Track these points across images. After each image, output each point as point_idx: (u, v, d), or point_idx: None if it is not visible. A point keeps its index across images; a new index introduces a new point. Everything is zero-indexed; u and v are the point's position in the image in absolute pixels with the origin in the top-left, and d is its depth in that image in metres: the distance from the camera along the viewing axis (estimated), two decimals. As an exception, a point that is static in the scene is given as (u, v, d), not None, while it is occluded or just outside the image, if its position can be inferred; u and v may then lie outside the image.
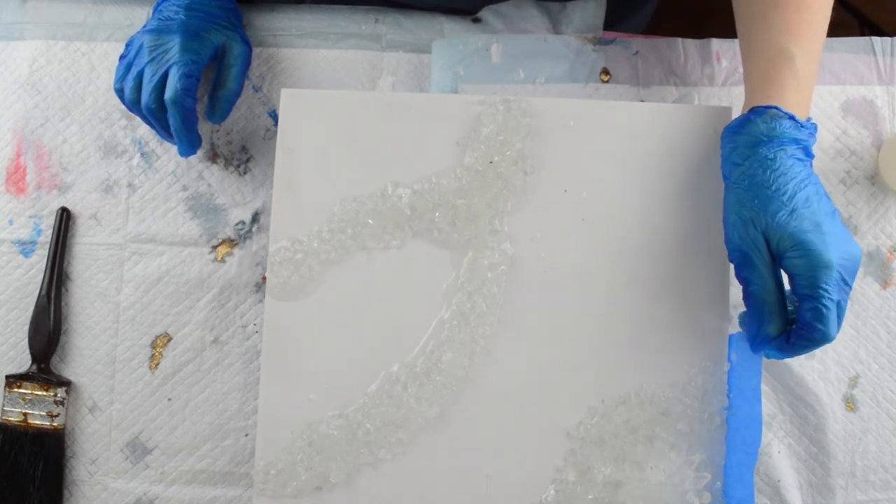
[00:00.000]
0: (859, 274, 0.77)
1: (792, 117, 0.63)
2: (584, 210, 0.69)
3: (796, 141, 0.63)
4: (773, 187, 0.61)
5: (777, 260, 0.62)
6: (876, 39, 0.82)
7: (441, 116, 0.70)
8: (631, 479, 0.65)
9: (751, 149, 0.63)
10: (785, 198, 0.61)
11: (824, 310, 0.59)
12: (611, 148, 0.69)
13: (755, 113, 0.64)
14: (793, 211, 0.61)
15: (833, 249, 0.59)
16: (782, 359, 0.66)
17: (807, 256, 0.59)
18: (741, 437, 0.66)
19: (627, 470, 0.66)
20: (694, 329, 0.67)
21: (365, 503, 0.67)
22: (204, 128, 0.78)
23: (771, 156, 0.62)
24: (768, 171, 0.62)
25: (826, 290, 0.59)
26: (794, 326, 0.63)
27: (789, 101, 0.64)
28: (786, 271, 0.62)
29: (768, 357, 0.66)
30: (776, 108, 0.63)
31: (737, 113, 0.68)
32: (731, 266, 0.68)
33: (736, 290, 0.71)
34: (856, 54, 0.81)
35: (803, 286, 0.60)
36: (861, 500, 0.74)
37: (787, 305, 0.63)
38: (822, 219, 0.61)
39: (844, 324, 0.75)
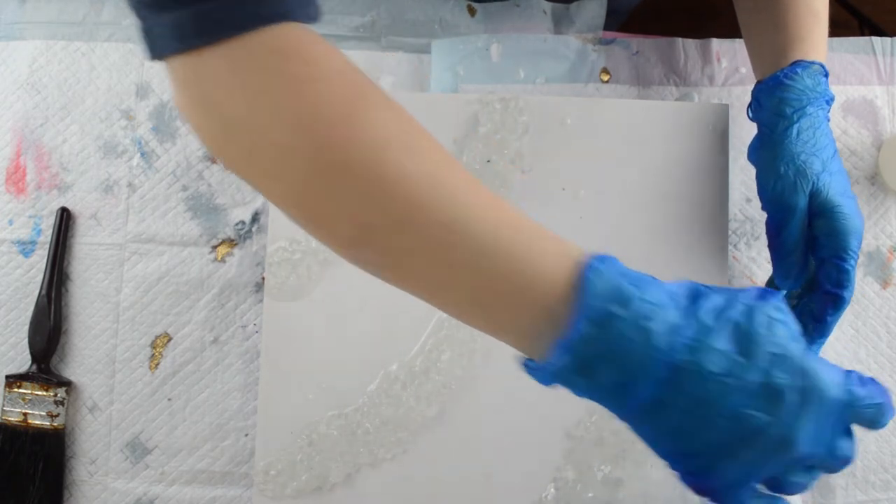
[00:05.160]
0: (859, 274, 0.77)
1: (827, 75, 0.65)
2: (582, 208, 0.68)
3: (829, 101, 0.65)
4: (817, 147, 0.63)
5: (809, 217, 0.63)
6: (876, 39, 0.82)
7: (438, 115, 0.70)
8: (631, 476, 0.65)
9: (799, 104, 0.63)
10: (825, 158, 0.62)
11: (851, 270, 0.62)
12: (607, 146, 0.69)
13: (801, 66, 0.64)
14: (832, 174, 0.62)
15: (858, 216, 0.62)
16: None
17: (842, 220, 0.61)
18: None
19: (627, 468, 0.66)
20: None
21: (365, 503, 0.67)
22: (204, 128, 0.78)
23: (816, 115, 0.63)
24: (811, 130, 0.63)
25: (854, 252, 0.61)
26: (811, 311, 0.64)
27: (822, 58, 0.65)
28: (815, 231, 0.63)
29: None
30: (820, 64, 0.64)
31: (736, 110, 0.68)
32: (730, 266, 0.68)
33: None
34: (856, 54, 0.81)
35: (833, 247, 0.61)
36: (861, 501, 0.74)
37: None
38: (848, 184, 0.63)
39: (844, 324, 0.75)
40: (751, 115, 0.68)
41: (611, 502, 0.66)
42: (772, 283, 0.69)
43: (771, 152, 0.64)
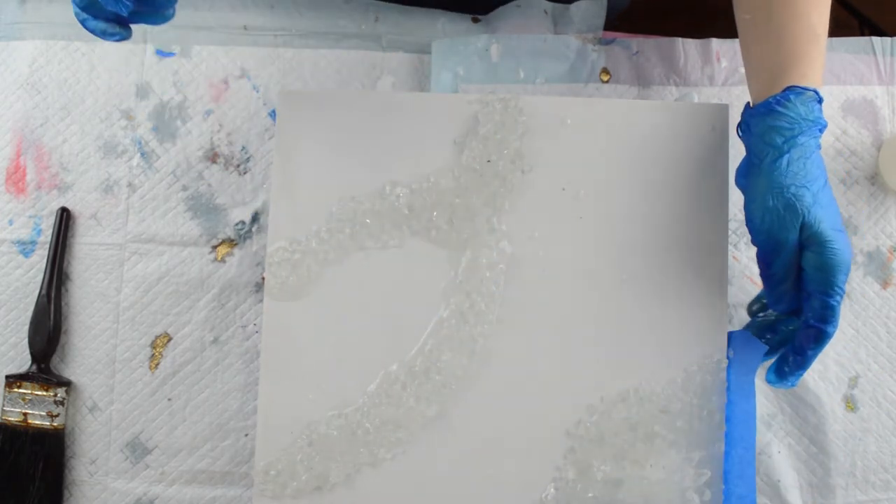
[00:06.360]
0: (859, 274, 0.77)
1: (821, 101, 0.62)
2: (582, 208, 0.68)
3: (821, 129, 0.62)
4: (809, 178, 0.61)
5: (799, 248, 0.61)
6: (876, 39, 0.82)
7: (438, 116, 0.70)
8: (631, 476, 0.65)
9: (791, 133, 0.61)
10: (816, 191, 0.61)
11: (837, 306, 0.60)
12: (608, 146, 0.69)
13: (794, 93, 0.62)
14: (824, 207, 0.60)
15: (848, 250, 0.60)
16: (790, 385, 0.65)
17: (832, 255, 0.59)
18: (739, 432, 0.66)
19: (627, 468, 0.66)
20: (693, 326, 0.67)
21: (365, 503, 0.67)
22: (204, 127, 0.78)
23: (808, 144, 0.61)
24: (802, 161, 0.61)
25: (841, 289, 0.60)
26: (793, 342, 0.63)
27: (818, 83, 0.63)
28: (803, 263, 0.61)
29: (772, 384, 0.65)
30: (814, 90, 0.62)
31: (736, 110, 0.67)
32: (730, 266, 0.68)
33: (734, 289, 0.72)
34: (856, 54, 0.81)
35: (821, 282, 0.60)
36: (861, 501, 0.74)
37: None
38: (839, 217, 0.61)
39: (844, 323, 0.76)
40: (740, 133, 0.66)
41: (611, 502, 0.66)
42: (758, 303, 0.69)
43: (759, 182, 0.62)
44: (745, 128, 0.65)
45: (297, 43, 0.81)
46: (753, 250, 0.68)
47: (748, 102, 0.66)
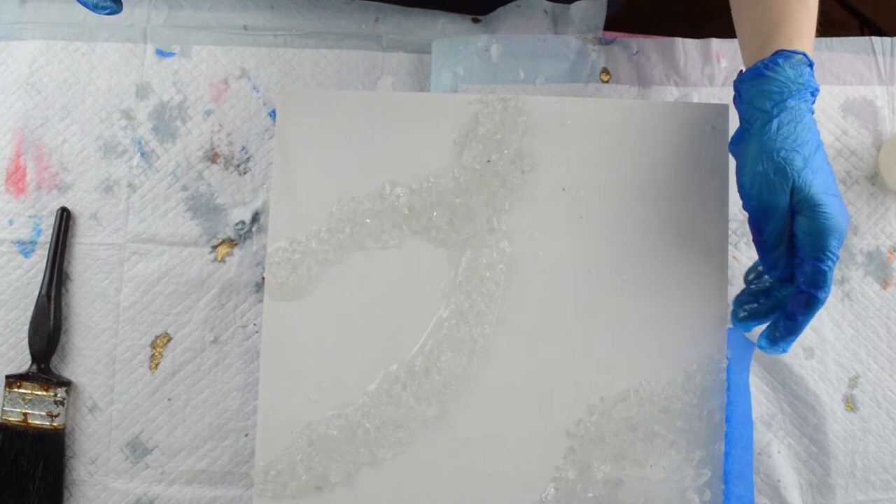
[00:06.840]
0: (859, 274, 0.77)
1: (812, 65, 0.62)
2: (582, 208, 0.68)
3: (813, 92, 0.62)
4: (799, 142, 0.60)
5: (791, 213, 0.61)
6: (876, 39, 0.82)
7: (438, 116, 0.70)
8: (631, 476, 0.65)
9: (780, 96, 0.61)
10: (807, 154, 0.60)
11: (829, 272, 0.59)
12: (608, 146, 0.69)
13: (782, 56, 0.61)
14: (815, 170, 0.59)
15: (842, 215, 0.59)
16: (780, 351, 0.64)
17: (823, 219, 0.59)
18: (738, 433, 0.66)
19: (627, 468, 0.66)
20: (692, 326, 0.67)
21: (365, 503, 0.67)
22: (204, 127, 0.78)
23: (798, 108, 0.61)
24: (793, 124, 0.60)
25: (833, 254, 0.59)
26: (785, 308, 0.62)
27: (807, 46, 0.63)
28: (795, 228, 0.60)
29: (763, 350, 0.65)
30: (803, 53, 0.61)
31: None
32: (730, 266, 0.68)
33: (734, 289, 0.71)
34: (856, 54, 0.81)
35: (812, 247, 0.59)
36: (861, 501, 0.74)
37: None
38: (832, 181, 0.61)
39: (844, 323, 0.76)
40: (735, 104, 0.66)
41: (611, 502, 0.66)
42: (754, 272, 0.69)
43: (749, 147, 0.62)
44: (736, 95, 0.65)
45: (297, 43, 0.81)
46: (753, 250, 0.68)
47: (740, 70, 0.65)
